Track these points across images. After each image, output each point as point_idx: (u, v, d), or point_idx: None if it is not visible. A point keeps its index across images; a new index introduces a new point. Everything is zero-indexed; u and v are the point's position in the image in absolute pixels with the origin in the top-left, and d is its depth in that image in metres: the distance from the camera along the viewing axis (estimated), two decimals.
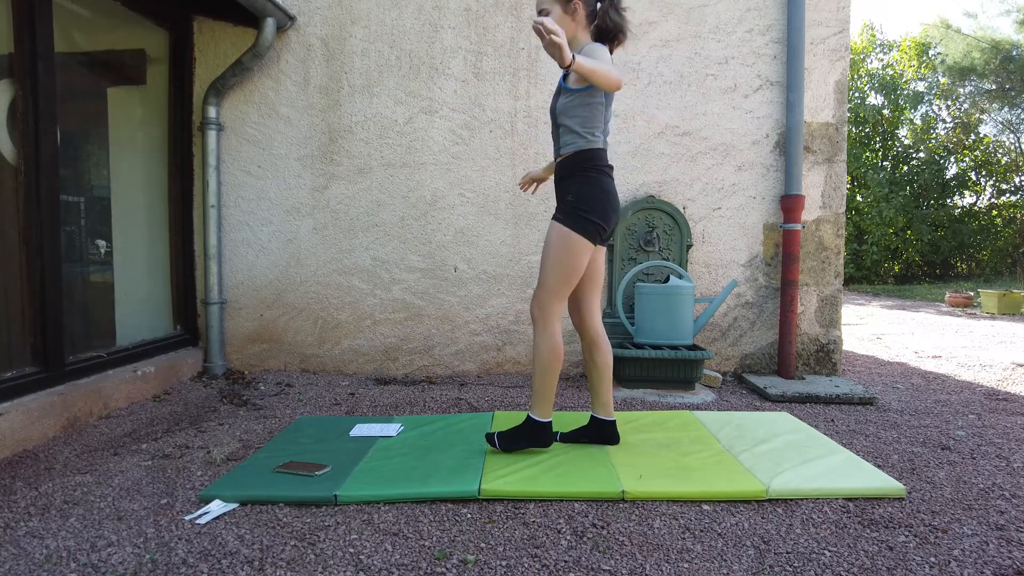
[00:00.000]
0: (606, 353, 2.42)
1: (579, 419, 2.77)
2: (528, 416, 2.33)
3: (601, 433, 2.45)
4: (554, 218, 2.24)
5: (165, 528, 1.80)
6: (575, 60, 1.92)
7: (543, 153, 3.76)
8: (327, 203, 3.80)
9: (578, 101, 2.22)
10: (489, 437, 2.36)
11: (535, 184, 2.71)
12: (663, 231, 3.71)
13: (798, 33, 3.57)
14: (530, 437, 2.32)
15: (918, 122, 14.04)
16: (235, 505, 1.96)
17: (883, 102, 14.07)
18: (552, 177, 2.62)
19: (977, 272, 13.45)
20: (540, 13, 2.22)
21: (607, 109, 2.25)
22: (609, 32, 2.24)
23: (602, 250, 2.40)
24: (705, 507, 1.97)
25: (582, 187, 2.22)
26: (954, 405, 3.26)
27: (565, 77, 2.29)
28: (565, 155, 2.27)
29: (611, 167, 2.29)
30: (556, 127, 2.31)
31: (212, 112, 3.69)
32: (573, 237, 2.19)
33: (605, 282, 3.79)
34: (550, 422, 2.33)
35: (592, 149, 2.23)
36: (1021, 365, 4.34)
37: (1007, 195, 13.71)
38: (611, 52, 2.30)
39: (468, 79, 3.75)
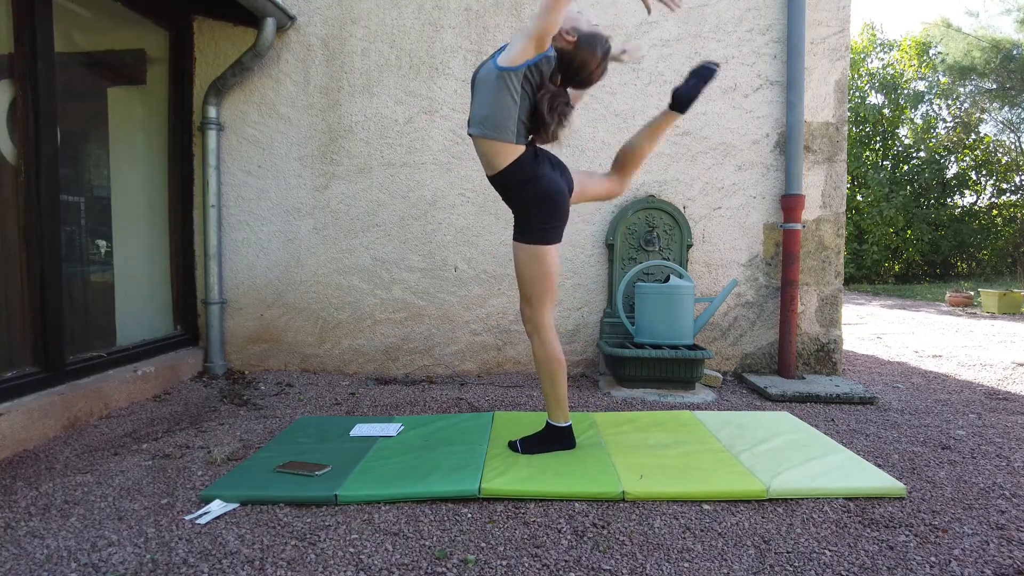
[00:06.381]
0: None
1: (578, 418, 2.77)
2: (547, 423, 2.38)
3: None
4: (515, 239, 2.23)
5: (165, 528, 1.80)
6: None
7: None
8: (327, 203, 3.80)
9: (496, 83, 2.03)
10: (512, 445, 2.39)
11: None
12: (663, 231, 3.71)
13: (798, 33, 3.57)
14: (551, 441, 2.37)
15: (918, 121, 14.04)
16: (235, 505, 1.96)
17: (883, 101, 14.08)
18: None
19: (977, 271, 13.46)
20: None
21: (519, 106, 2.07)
22: (536, 122, 2.10)
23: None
24: (705, 507, 1.97)
25: (530, 202, 2.17)
26: (955, 404, 3.26)
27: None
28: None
29: (540, 156, 2.19)
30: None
31: (212, 112, 3.69)
32: (540, 250, 2.20)
33: (605, 282, 3.79)
34: (570, 425, 2.38)
35: (513, 148, 2.10)
36: (1021, 364, 4.34)
37: (1007, 194, 13.73)
38: (535, 152, 2.18)
39: (468, 79, 3.75)
